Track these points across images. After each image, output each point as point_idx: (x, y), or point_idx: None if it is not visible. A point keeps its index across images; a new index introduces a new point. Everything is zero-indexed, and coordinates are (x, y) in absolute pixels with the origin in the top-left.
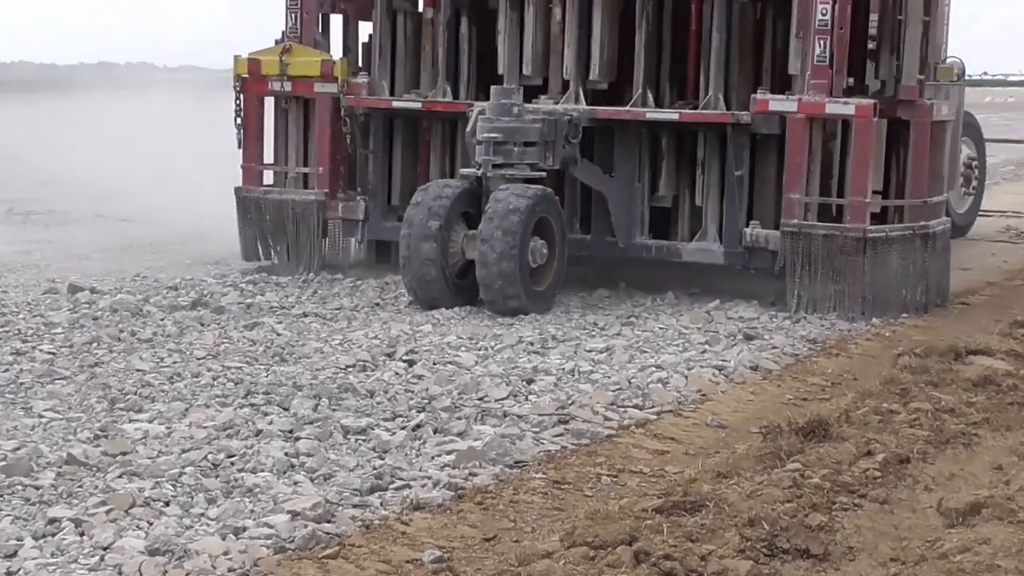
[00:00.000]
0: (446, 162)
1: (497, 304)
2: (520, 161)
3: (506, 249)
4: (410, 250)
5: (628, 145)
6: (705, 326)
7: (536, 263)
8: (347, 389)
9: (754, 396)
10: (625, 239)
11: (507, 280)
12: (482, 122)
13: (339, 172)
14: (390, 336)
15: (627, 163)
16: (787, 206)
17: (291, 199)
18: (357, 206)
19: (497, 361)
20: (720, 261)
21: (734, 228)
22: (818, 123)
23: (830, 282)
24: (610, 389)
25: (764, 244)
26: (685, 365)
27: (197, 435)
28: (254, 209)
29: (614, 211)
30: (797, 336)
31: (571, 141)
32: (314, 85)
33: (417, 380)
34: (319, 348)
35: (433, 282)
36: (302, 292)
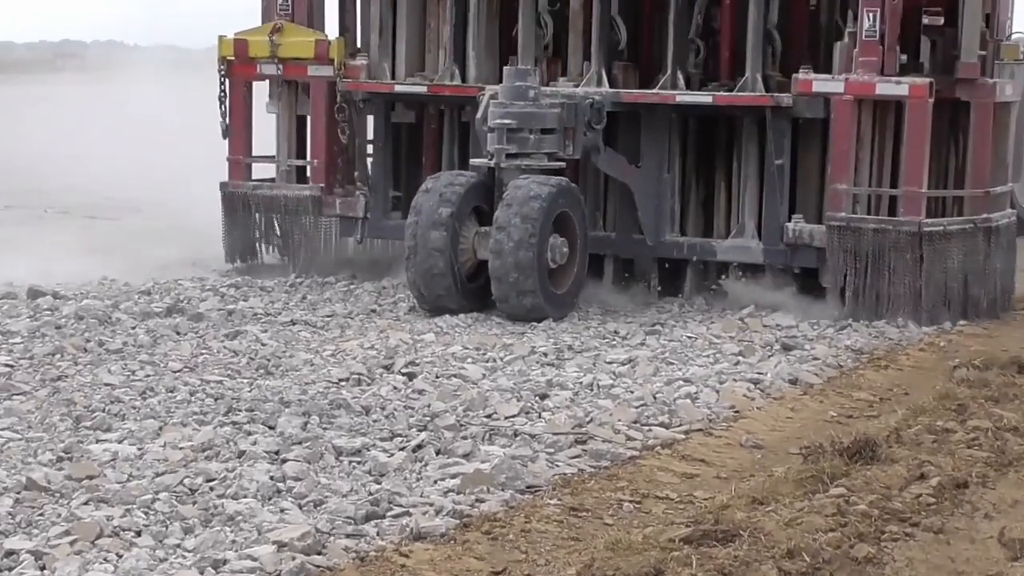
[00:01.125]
0: (455, 152)
1: (510, 302)
2: (537, 150)
3: (524, 237)
4: (417, 239)
5: (656, 132)
6: (739, 335)
7: (556, 263)
8: (340, 405)
9: (793, 413)
10: (653, 236)
11: (523, 272)
12: (494, 107)
13: (336, 164)
14: (388, 346)
15: (655, 152)
16: (833, 198)
17: (283, 195)
18: (356, 202)
19: (507, 374)
20: (759, 260)
21: (774, 223)
22: (867, 105)
23: (880, 283)
24: (633, 405)
25: (808, 240)
26: (716, 378)
27: (172, 457)
28: (241, 206)
29: (641, 205)
30: (841, 346)
31: (593, 127)
32: (308, 68)
33: (418, 395)
34: (309, 360)
35: (440, 277)
36: (289, 297)
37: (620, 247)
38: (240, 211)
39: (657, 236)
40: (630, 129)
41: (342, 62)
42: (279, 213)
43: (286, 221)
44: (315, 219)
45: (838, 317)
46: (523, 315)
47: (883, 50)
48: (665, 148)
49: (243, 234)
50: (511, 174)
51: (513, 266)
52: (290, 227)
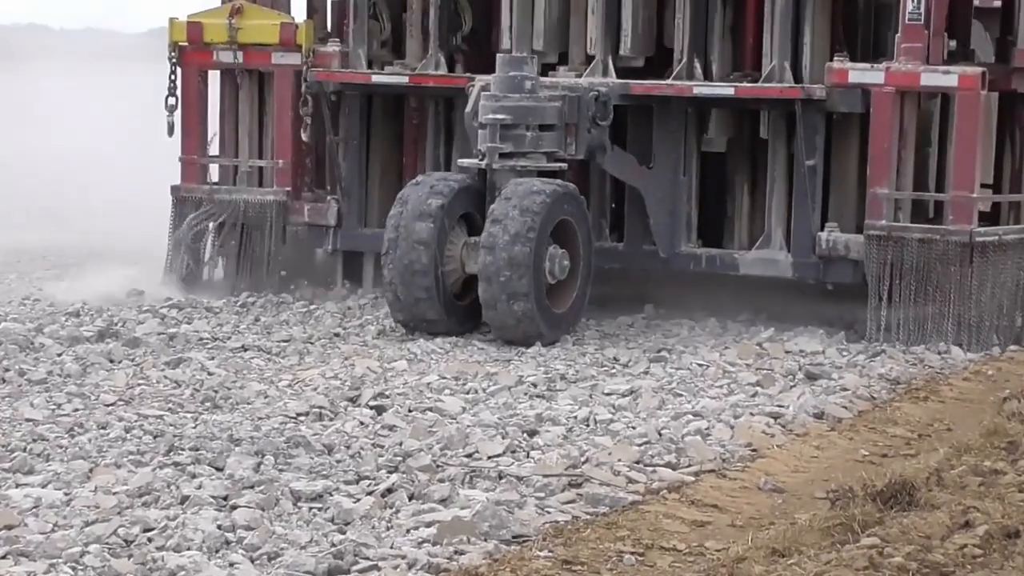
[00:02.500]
0: (440, 151)
1: (498, 308)
2: (534, 149)
3: (522, 231)
4: (399, 231)
5: (671, 128)
6: (756, 362)
7: (555, 277)
8: (298, 444)
9: (819, 452)
10: (667, 248)
11: (517, 270)
12: (486, 100)
13: (304, 166)
14: (354, 375)
15: (669, 151)
16: (872, 204)
17: (244, 199)
18: (327, 208)
19: (491, 407)
20: (788, 274)
21: (805, 232)
22: (911, 98)
23: (924, 301)
24: (635, 443)
25: (844, 252)
26: (731, 412)
27: (105, 503)
28: (196, 212)
29: (653, 212)
30: (874, 374)
31: (599, 124)
32: (271, 55)
33: (388, 432)
34: (262, 391)
35: (421, 275)
36: (240, 319)
37: (629, 260)
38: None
39: (671, 247)
40: (641, 125)
41: (311, 48)
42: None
43: (246, 230)
44: (279, 228)
45: (873, 341)
46: (512, 325)
47: (929, 35)
48: (680, 147)
49: (196, 245)
50: (505, 176)
51: (506, 263)
52: (251, 237)
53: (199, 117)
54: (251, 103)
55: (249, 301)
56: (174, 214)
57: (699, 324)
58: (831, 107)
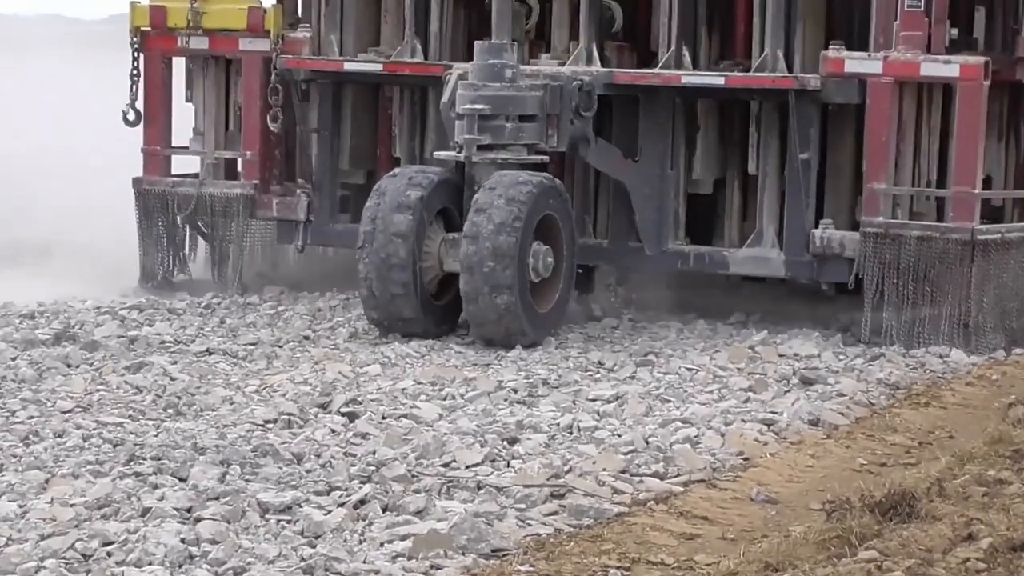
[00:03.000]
0: (415, 143)
1: (480, 302)
2: (515, 141)
3: (507, 220)
4: (376, 223)
5: (657, 120)
6: (749, 366)
7: (539, 275)
8: (266, 452)
9: (814, 460)
10: (654, 245)
11: (501, 261)
12: (464, 90)
13: (273, 157)
14: (324, 381)
15: (656, 144)
16: (869, 200)
17: (209, 193)
18: (297, 202)
19: (469, 414)
20: (780, 273)
21: (799, 229)
22: (911, 88)
23: (924, 302)
24: (620, 451)
25: (839, 250)
26: (722, 419)
27: (61, 516)
28: (159, 207)
29: (639, 208)
30: (873, 379)
31: (582, 114)
32: (239, 41)
33: (361, 440)
34: (228, 397)
35: (399, 270)
36: (204, 321)
37: (613, 257)
38: (157, 213)
39: (658, 244)
40: (626, 116)
41: (280, 34)
42: (204, 216)
43: (212, 225)
44: (247, 223)
45: (871, 344)
46: (493, 321)
47: (930, 23)
48: (668, 139)
49: (162, 242)
50: (484, 170)
51: (490, 253)
52: (217, 233)
53: (162, 106)
54: (217, 91)
55: (214, 302)
56: (138, 209)
57: (688, 326)
58: (826, 98)
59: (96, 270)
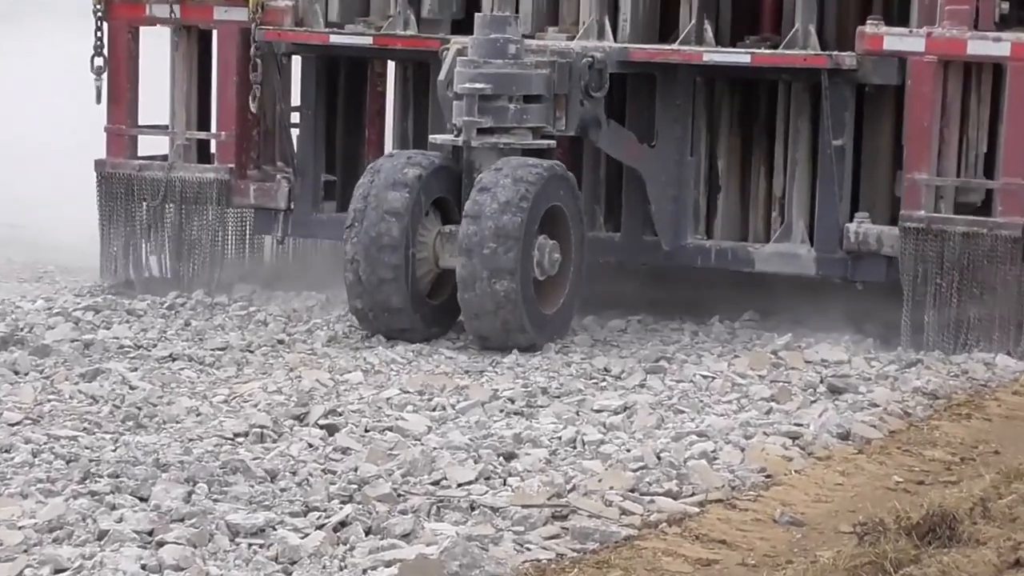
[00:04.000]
0: (408, 125)
1: (477, 288)
2: (519, 124)
3: (514, 199)
4: (368, 201)
5: (676, 101)
6: (771, 373)
7: (545, 272)
8: (236, 469)
9: (844, 478)
10: (671, 239)
11: (505, 243)
12: (463, 67)
13: (251, 139)
14: (300, 389)
15: (674, 127)
16: (910, 191)
17: (180, 178)
18: (277, 188)
19: (461, 427)
20: (810, 271)
21: (831, 223)
22: (956, 68)
23: (969, 303)
24: (629, 468)
25: (875, 246)
26: (741, 432)
27: (9, 540)
28: (124, 193)
29: (655, 198)
30: (909, 388)
31: (593, 95)
32: (214, 10)
33: (341, 455)
34: (194, 408)
35: (390, 251)
36: (168, 323)
37: (627, 253)
38: (122, 200)
39: (676, 239)
40: (642, 97)
41: (259, 3)
42: (174, 203)
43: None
44: (221, 211)
45: (908, 349)
46: (490, 312)
47: None
48: (688, 123)
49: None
50: (484, 155)
51: (492, 233)
52: (187, 222)
53: (129, 81)
54: (189, 65)
55: (178, 302)
56: (100, 194)
57: (703, 329)
58: (863, 78)
59: (48, 265)
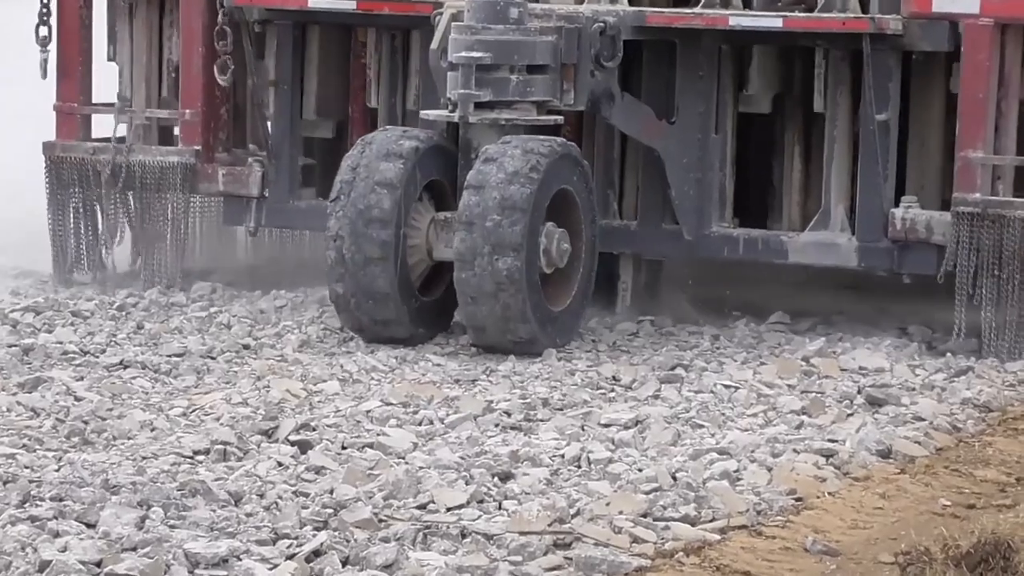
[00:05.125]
0: (396, 99)
1: (479, 264)
2: (521, 97)
3: (523, 169)
4: (357, 172)
5: (699, 72)
6: (802, 382)
7: (553, 264)
8: (195, 491)
9: (885, 501)
10: (694, 227)
11: (510, 216)
12: (458, 33)
13: (219, 117)
14: (268, 401)
15: (697, 102)
16: (963, 172)
17: (139, 162)
18: (249, 174)
19: (450, 443)
20: (851, 262)
21: (875, 209)
22: (1016, 32)
23: None
24: (641, 490)
25: (925, 234)
26: (768, 449)
27: None
28: (76, 179)
29: (675, 181)
30: (958, 398)
31: (604, 65)
32: None
33: (315, 476)
34: (148, 422)
35: (380, 225)
36: (118, 327)
37: (644, 243)
38: (73, 187)
39: (699, 227)
40: (660, 67)
41: None
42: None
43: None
44: (186, 199)
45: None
46: (489, 294)
47: None
48: (712, 96)
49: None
50: (483, 133)
51: (496, 204)
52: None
53: (80, 52)
54: (149, 35)
55: (129, 302)
56: (50, 180)
57: (725, 332)
58: (909, 44)
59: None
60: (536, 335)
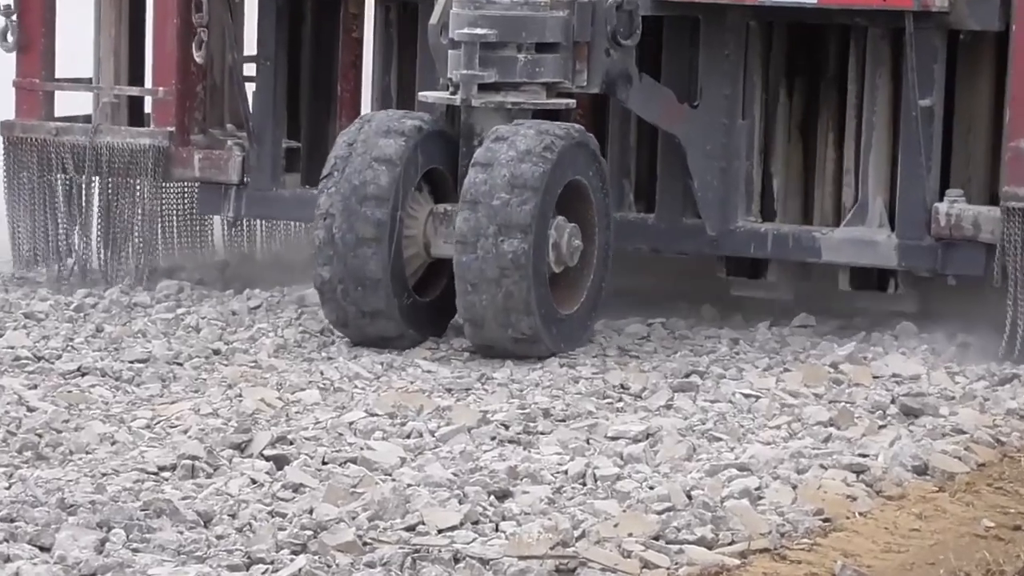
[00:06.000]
0: (390, 79)
1: (482, 247)
2: (530, 79)
3: (535, 148)
4: (354, 147)
5: (724, 51)
6: (830, 391)
7: (563, 262)
8: (161, 511)
9: (922, 523)
10: (717, 222)
11: (520, 195)
12: (460, 8)
13: (195, 96)
14: (241, 412)
15: (722, 84)
16: (1014, 163)
17: (107, 144)
18: (228, 158)
19: (442, 458)
20: (891, 262)
21: (916, 203)
22: None
23: None
24: (652, 509)
25: (972, 231)
26: (792, 464)
27: None
28: (37, 163)
29: (698, 171)
30: (1002, 409)
31: (621, 43)
32: None
33: (292, 494)
34: (108, 435)
35: (375, 203)
36: (75, 330)
37: (662, 239)
38: (35, 171)
39: (723, 221)
40: (682, 46)
41: None
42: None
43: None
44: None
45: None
46: (491, 280)
47: None
48: (739, 78)
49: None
50: (487, 117)
51: (506, 182)
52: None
53: (42, 23)
54: (119, 5)
55: (88, 303)
56: (8, 164)
57: (745, 335)
58: (956, 23)
59: None
60: (539, 332)
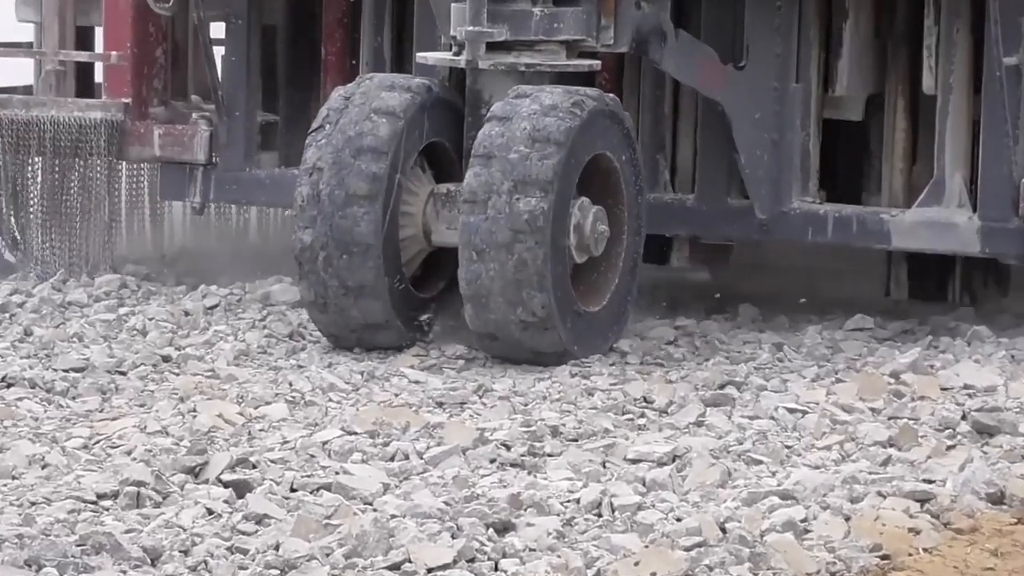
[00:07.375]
0: (383, 40)
1: (492, 205)
2: (547, 36)
3: (562, 103)
4: (353, 99)
5: (775, 2)
6: (889, 405)
7: (586, 250)
8: (101, 547)
9: (997, 560)
10: (768, 204)
11: (541, 148)
12: None
13: (155, 62)
14: (195, 430)
15: (772, 41)
16: None
17: (51, 117)
18: (193, 134)
19: (432, 484)
20: (973, 248)
21: (1002, 178)
22: None
23: None
24: (680, 545)
25: None
26: (845, 492)
27: None
28: None
29: (744, 144)
30: None
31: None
32: None
33: (255, 527)
34: (38, 457)
35: (372, 156)
36: (2, 331)
37: (703, 224)
38: None
39: (775, 203)
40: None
41: None
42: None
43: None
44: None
45: None
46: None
47: None
48: (792, 35)
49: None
50: (497, 81)
51: (526, 135)
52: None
53: None
54: None
55: (14, 301)
56: None
57: (790, 339)
58: None
59: None
60: (553, 316)
